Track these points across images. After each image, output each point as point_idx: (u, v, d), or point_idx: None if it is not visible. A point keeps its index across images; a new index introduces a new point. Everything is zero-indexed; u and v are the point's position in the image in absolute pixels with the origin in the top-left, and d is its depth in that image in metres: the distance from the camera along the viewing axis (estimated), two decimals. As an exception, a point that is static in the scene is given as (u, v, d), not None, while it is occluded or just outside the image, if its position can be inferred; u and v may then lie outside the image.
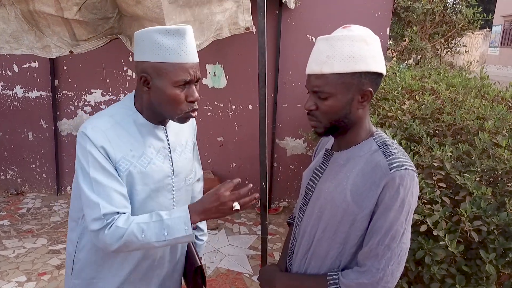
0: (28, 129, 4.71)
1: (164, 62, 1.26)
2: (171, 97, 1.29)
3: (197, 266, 1.64)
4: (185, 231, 1.28)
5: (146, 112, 1.38)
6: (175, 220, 1.27)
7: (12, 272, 3.21)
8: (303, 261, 1.29)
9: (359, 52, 1.09)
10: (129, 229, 1.25)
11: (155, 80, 1.29)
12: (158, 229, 1.27)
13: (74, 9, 2.25)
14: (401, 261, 1.13)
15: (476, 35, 22.26)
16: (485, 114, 2.16)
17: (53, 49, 2.45)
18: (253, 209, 4.62)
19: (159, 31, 1.25)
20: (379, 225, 1.11)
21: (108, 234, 1.25)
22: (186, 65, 1.28)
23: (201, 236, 1.84)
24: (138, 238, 1.26)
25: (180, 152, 1.50)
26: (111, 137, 1.30)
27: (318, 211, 1.23)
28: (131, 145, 1.34)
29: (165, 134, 1.44)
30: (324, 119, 1.17)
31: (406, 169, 1.09)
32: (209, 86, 4.38)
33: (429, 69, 3.65)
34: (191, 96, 1.31)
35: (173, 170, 1.45)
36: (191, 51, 1.29)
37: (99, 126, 1.30)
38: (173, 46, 1.25)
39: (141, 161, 1.36)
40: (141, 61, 1.29)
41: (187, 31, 1.27)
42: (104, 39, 2.47)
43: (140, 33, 1.29)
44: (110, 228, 1.25)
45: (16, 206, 4.49)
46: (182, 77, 1.28)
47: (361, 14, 4.09)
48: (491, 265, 1.57)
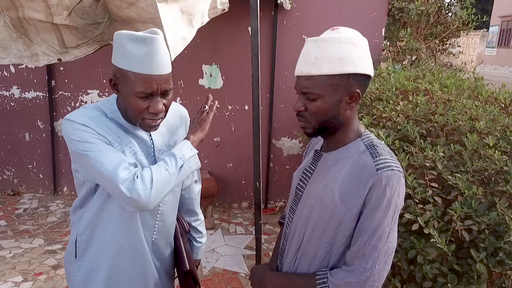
0: (25, 129, 4.71)
1: (128, 70, 1.23)
2: (131, 106, 1.28)
3: (186, 270, 1.65)
4: (191, 151, 1.37)
5: (123, 113, 1.38)
6: (180, 146, 1.37)
7: (9, 272, 3.21)
8: (293, 260, 1.31)
9: (347, 54, 1.10)
10: (154, 171, 1.27)
11: (121, 86, 1.28)
12: (174, 158, 1.32)
13: (64, 13, 2.22)
14: (387, 261, 1.14)
15: (473, 35, 22.33)
16: (477, 114, 2.18)
17: (41, 57, 2.40)
18: (250, 209, 4.64)
19: (128, 37, 1.21)
20: (366, 225, 1.12)
21: (139, 183, 1.24)
22: (150, 77, 1.23)
23: (200, 238, 1.84)
24: (164, 173, 1.28)
25: None
26: (98, 123, 1.31)
27: (307, 211, 1.24)
28: (117, 133, 1.35)
29: (149, 134, 1.44)
30: (313, 120, 1.18)
31: (392, 170, 1.11)
32: (205, 86, 4.39)
33: (424, 70, 3.67)
34: (152, 108, 1.28)
35: None
36: (159, 62, 1.24)
37: (84, 113, 1.31)
38: (138, 55, 1.21)
39: (127, 149, 1.36)
40: (113, 64, 1.28)
41: (156, 40, 1.22)
42: (93, 46, 2.41)
43: (115, 35, 1.27)
44: (138, 177, 1.25)
45: (13, 206, 4.50)
46: (142, 89, 1.24)
47: (356, 15, 4.11)
48: (482, 264, 1.59)
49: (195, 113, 1.52)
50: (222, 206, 4.70)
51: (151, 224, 1.51)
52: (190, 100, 4.40)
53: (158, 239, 1.57)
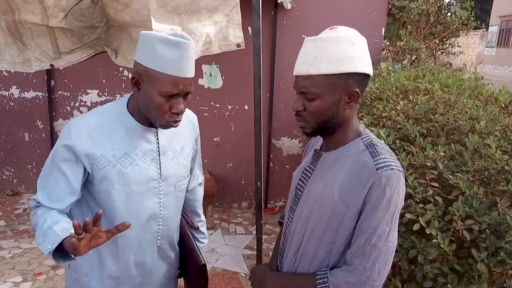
0: (24, 129, 4.70)
1: (156, 71, 1.25)
2: (155, 105, 1.30)
3: (201, 264, 1.64)
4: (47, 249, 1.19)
5: (137, 113, 1.39)
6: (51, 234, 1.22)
7: (8, 273, 3.21)
8: (293, 260, 1.30)
9: (346, 53, 1.10)
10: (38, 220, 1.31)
11: (145, 84, 1.29)
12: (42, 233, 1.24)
13: (60, 15, 2.20)
14: (388, 260, 1.14)
15: (473, 35, 22.35)
16: (477, 114, 2.18)
17: (34, 63, 2.38)
18: (250, 209, 4.63)
19: (161, 39, 1.24)
20: (366, 225, 1.12)
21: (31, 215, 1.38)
22: (178, 79, 1.27)
23: (202, 238, 1.83)
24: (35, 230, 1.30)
25: (172, 157, 1.49)
26: (94, 135, 1.33)
27: (307, 211, 1.24)
28: (114, 144, 1.36)
29: (156, 137, 1.44)
30: (312, 119, 1.18)
31: (392, 169, 1.10)
32: (205, 86, 4.39)
33: (423, 70, 3.67)
34: (175, 109, 1.31)
35: (161, 174, 1.45)
36: (187, 66, 1.28)
37: (84, 124, 1.34)
38: (169, 57, 1.24)
39: (121, 161, 1.37)
40: (138, 63, 1.30)
41: (188, 46, 1.26)
42: (88, 52, 2.38)
43: (144, 35, 1.28)
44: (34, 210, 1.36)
45: (12, 206, 4.49)
46: (170, 90, 1.27)
47: (356, 14, 4.11)
48: (482, 264, 1.58)
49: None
50: (222, 206, 4.70)
51: (154, 230, 1.50)
52: (190, 100, 4.38)
53: (163, 243, 1.57)
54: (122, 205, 1.39)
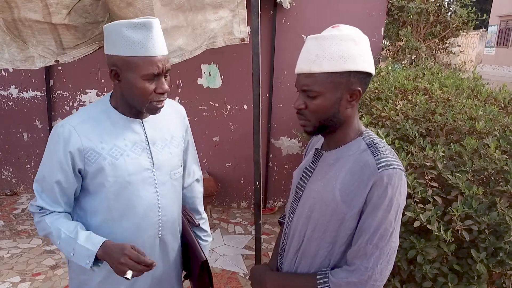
0: (23, 129, 4.70)
1: (132, 56, 1.28)
2: (140, 90, 1.32)
3: (203, 260, 1.63)
4: (86, 264, 1.33)
5: (120, 106, 1.41)
6: (82, 250, 1.33)
7: (7, 273, 3.20)
8: (293, 260, 1.30)
9: (348, 51, 1.09)
10: (51, 230, 1.37)
11: (124, 73, 1.31)
12: (69, 247, 1.35)
13: (63, 12, 2.20)
14: (390, 260, 1.13)
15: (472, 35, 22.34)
16: (476, 114, 2.17)
17: (37, 60, 2.38)
18: (249, 209, 4.63)
19: (127, 24, 1.26)
20: (368, 224, 1.11)
21: (37, 222, 1.42)
22: (155, 58, 1.30)
23: (205, 236, 1.82)
24: (55, 241, 1.38)
25: (162, 146, 1.50)
26: (80, 131, 1.35)
27: (308, 210, 1.23)
28: (101, 137, 1.38)
29: (142, 127, 1.46)
30: (313, 118, 1.18)
31: (394, 168, 1.10)
32: (204, 86, 4.38)
33: (423, 69, 3.66)
34: (160, 88, 1.34)
35: (153, 163, 1.46)
36: (159, 44, 1.31)
37: (69, 122, 1.37)
38: (140, 39, 1.27)
39: (111, 153, 1.38)
40: (111, 55, 1.32)
41: (153, 24, 1.28)
42: (93, 46, 2.40)
43: (108, 27, 1.30)
44: (40, 217, 1.40)
45: (11, 206, 4.48)
46: (151, 71, 1.30)
47: (356, 14, 4.10)
48: (482, 264, 1.58)
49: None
50: (221, 206, 4.69)
51: (154, 221, 1.50)
52: (188, 100, 4.39)
53: (165, 234, 1.56)
54: (117, 197, 1.40)
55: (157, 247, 1.55)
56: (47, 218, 1.38)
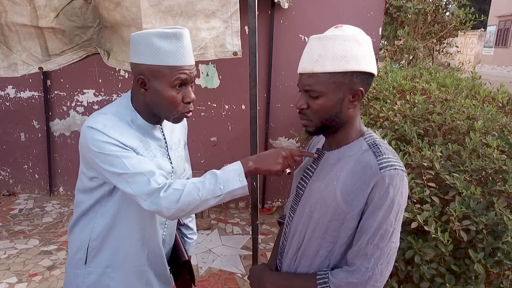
0: (20, 129, 4.68)
1: (162, 65, 1.28)
2: (169, 99, 1.31)
3: (184, 260, 1.65)
4: (240, 182, 1.27)
5: (143, 113, 1.39)
6: (229, 173, 1.27)
7: (3, 273, 3.19)
8: (293, 260, 1.29)
9: (351, 51, 1.09)
10: (186, 190, 1.25)
11: (152, 82, 1.31)
12: (214, 185, 1.26)
13: (51, 15, 2.16)
14: (390, 261, 1.13)
15: (471, 35, 22.38)
16: (475, 114, 2.17)
17: (20, 67, 2.32)
18: (247, 209, 4.62)
19: (157, 34, 1.26)
20: (369, 225, 1.11)
21: (164, 197, 1.25)
22: (183, 67, 1.30)
23: (191, 235, 1.84)
24: (195, 197, 1.25)
25: (175, 151, 1.53)
26: (120, 130, 1.31)
27: (309, 210, 1.23)
28: (137, 138, 1.36)
29: (162, 133, 1.47)
30: (315, 118, 1.17)
31: (395, 169, 1.10)
32: (202, 86, 4.37)
33: (421, 69, 3.66)
34: (188, 97, 1.34)
35: (173, 167, 1.48)
36: (188, 54, 1.31)
37: (106, 122, 1.31)
38: (170, 49, 1.27)
39: (147, 153, 1.38)
40: (138, 63, 1.31)
41: (184, 34, 1.29)
42: (79, 53, 2.32)
43: (137, 36, 1.30)
44: (167, 190, 1.26)
45: (8, 207, 4.46)
46: (179, 79, 1.30)
47: (354, 14, 4.10)
48: (479, 265, 1.58)
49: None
50: (219, 206, 4.68)
51: (162, 221, 1.52)
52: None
53: (166, 235, 1.58)
54: None
55: (161, 248, 1.56)
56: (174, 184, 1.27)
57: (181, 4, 2.13)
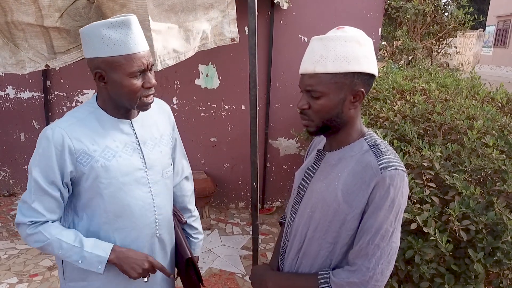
0: (20, 130, 4.68)
1: (115, 56, 1.27)
2: (129, 88, 1.32)
3: (187, 257, 1.64)
4: (97, 269, 1.36)
5: (109, 107, 1.41)
6: (93, 257, 1.35)
7: (4, 274, 3.19)
8: (294, 260, 1.30)
9: (352, 52, 1.10)
10: (50, 241, 1.34)
11: (110, 74, 1.31)
12: (75, 255, 1.35)
13: (55, 15, 2.18)
14: (391, 260, 1.14)
15: (470, 35, 22.39)
16: (475, 114, 2.18)
17: (28, 64, 2.34)
18: (246, 209, 4.63)
19: (104, 25, 1.26)
20: (369, 225, 1.12)
21: (29, 233, 1.35)
22: (138, 54, 1.29)
23: (196, 234, 1.82)
24: (54, 251, 1.35)
25: (153, 145, 1.50)
26: (71, 133, 1.34)
27: (310, 210, 1.24)
28: (92, 139, 1.37)
29: (132, 128, 1.45)
30: (316, 118, 1.18)
31: (396, 169, 1.11)
32: (201, 86, 4.38)
33: (420, 70, 3.67)
34: (148, 83, 1.35)
35: (145, 163, 1.46)
36: (140, 40, 1.31)
37: (58, 125, 1.35)
38: (121, 38, 1.26)
39: (104, 155, 1.37)
40: (92, 58, 1.31)
41: (131, 21, 1.28)
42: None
43: (85, 30, 1.30)
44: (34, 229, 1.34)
45: (8, 207, 4.46)
46: (136, 68, 1.30)
47: (353, 14, 4.10)
48: (479, 264, 1.58)
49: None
50: (219, 206, 4.68)
51: (151, 220, 1.50)
52: (186, 100, 4.38)
53: (162, 233, 1.56)
54: (112, 199, 1.39)
55: (156, 245, 1.55)
56: (42, 229, 1.34)
57: (182, 1, 2.17)
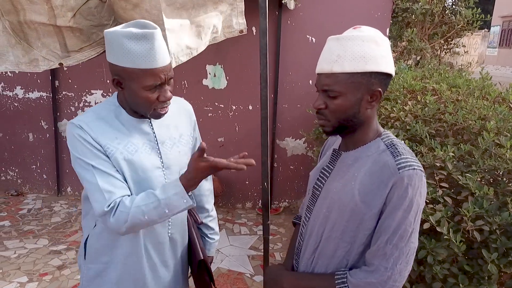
0: (29, 130, 4.71)
1: (134, 68, 1.26)
2: (142, 99, 1.32)
3: (200, 259, 1.65)
4: (184, 204, 1.31)
5: (127, 108, 1.42)
6: (172, 198, 1.29)
7: (14, 273, 3.21)
8: (310, 260, 1.30)
9: (370, 52, 1.10)
10: (131, 213, 1.29)
11: (127, 83, 1.31)
12: (159, 209, 1.30)
13: (68, 15, 2.19)
14: (409, 261, 1.14)
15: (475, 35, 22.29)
16: (487, 114, 2.17)
17: (41, 62, 2.35)
18: (254, 209, 4.63)
19: (127, 35, 1.23)
20: (387, 225, 1.12)
21: (114, 219, 1.30)
22: (156, 70, 1.28)
23: (212, 234, 1.82)
24: (141, 219, 1.30)
25: (171, 145, 1.51)
26: (94, 128, 1.35)
27: (326, 210, 1.24)
28: (115, 134, 1.38)
29: (151, 127, 1.46)
30: (333, 118, 1.18)
31: (414, 169, 1.10)
32: (209, 87, 4.39)
33: (430, 70, 3.66)
34: (163, 97, 1.34)
35: (163, 162, 1.47)
36: (161, 55, 1.28)
37: (82, 119, 1.36)
38: (141, 52, 1.24)
39: (127, 148, 1.38)
40: (113, 64, 1.30)
41: (155, 35, 1.26)
42: (97, 49, 2.36)
43: (108, 35, 1.28)
44: (115, 213, 1.30)
45: (17, 207, 4.49)
46: (152, 83, 1.29)
47: (361, 15, 4.10)
48: (493, 265, 1.58)
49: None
50: (226, 207, 4.69)
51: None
52: (193, 100, 4.39)
53: (174, 233, 1.57)
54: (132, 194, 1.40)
55: (167, 245, 1.56)
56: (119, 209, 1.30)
57: None
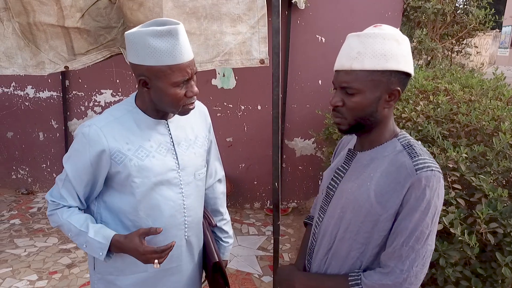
0: (39, 129, 4.74)
1: (161, 65, 1.26)
2: (171, 96, 1.32)
3: (214, 262, 1.64)
4: (99, 256, 1.37)
5: (148, 108, 1.41)
6: (95, 243, 1.36)
7: (24, 271, 3.23)
8: (323, 261, 1.28)
9: (391, 50, 1.09)
10: (61, 222, 1.40)
11: (154, 82, 1.31)
12: (81, 239, 1.39)
13: (77, 15, 2.19)
14: (425, 263, 1.12)
15: (486, 36, 22.08)
16: (501, 115, 2.14)
17: (47, 65, 2.36)
18: (262, 209, 4.62)
19: (151, 33, 1.23)
20: (404, 226, 1.10)
21: (49, 213, 1.44)
22: (183, 64, 1.28)
23: (226, 238, 1.81)
24: (65, 231, 1.42)
25: (187, 147, 1.50)
26: (106, 132, 1.36)
27: (340, 211, 1.22)
28: (127, 138, 1.38)
29: (167, 128, 1.46)
30: (350, 115, 1.16)
31: (432, 170, 1.08)
32: (218, 86, 4.39)
33: (441, 70, 3.62)
34: (191, 92, 1.35)
35: (178, 164, 1.46)
36: (186, 50, 1.29)
37: (95, 123, 1.37)
38: (167, 48, 1.24)
39: (137, 154, 1.38)
40: (137, 64, 1.29)
41: (178, 30, 1.25)
42: (103, 53, 2.35)
43: (131, 35, 1.27)
44: (53, 211, 1.42)
45: (27, 205, 4.53)
46: (180, 78, 1.30)
47: (371, 14, 4.07)
48: (507, 268, 1.55)
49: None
50: (234, 207, 4.69)
51: (180, 221, 1.50)
52: (203, 100, 4.31)
53: (190, 236, 1.57)
54: (143, 198, 1.40)
55: (184, 247, 1.55)
56: (58, 211, 1.41)
57: (206, 6, 2.12)
